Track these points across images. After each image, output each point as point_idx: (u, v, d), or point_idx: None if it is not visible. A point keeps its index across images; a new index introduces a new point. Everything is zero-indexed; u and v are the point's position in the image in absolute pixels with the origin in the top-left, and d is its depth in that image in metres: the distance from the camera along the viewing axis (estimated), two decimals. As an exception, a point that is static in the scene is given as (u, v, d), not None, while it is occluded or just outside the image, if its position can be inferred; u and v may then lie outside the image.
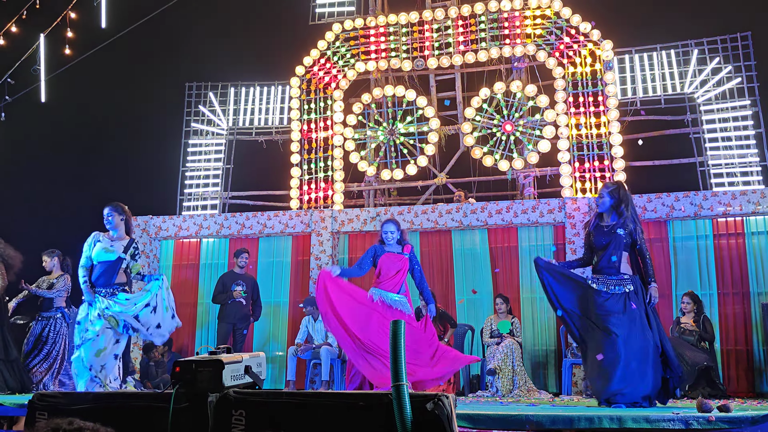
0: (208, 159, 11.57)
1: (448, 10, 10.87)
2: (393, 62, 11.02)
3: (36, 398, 3.61)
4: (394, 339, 3.01)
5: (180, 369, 3.39)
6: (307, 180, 11.05)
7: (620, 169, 9.81)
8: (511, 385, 8.14)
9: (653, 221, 9.32)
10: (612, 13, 11.19)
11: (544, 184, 10.52)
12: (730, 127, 9.82)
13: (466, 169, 10.86)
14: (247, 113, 11.65)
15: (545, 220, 9.58)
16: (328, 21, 11.48)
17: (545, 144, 10.12)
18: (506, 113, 10.43)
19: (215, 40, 13.41)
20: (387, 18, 11.09)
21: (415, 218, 9.98)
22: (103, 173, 13.31)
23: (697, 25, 10.55)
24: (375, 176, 11.04)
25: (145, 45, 12.78)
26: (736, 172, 9.66)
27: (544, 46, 10.41)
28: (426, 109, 10.80)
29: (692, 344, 8.02)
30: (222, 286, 9.43)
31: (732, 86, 9.91)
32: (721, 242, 9.17)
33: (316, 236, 10.30)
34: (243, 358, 3.59)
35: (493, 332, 8.67)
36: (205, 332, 10.70)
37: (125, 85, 13.66)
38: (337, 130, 11.07)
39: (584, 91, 10.17)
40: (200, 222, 10.78)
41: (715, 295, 9.05)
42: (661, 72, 10.27)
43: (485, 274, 9.84)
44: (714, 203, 9.06)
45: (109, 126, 13.79)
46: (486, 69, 10.95)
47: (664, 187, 9.43)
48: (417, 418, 2.98)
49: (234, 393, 3.34)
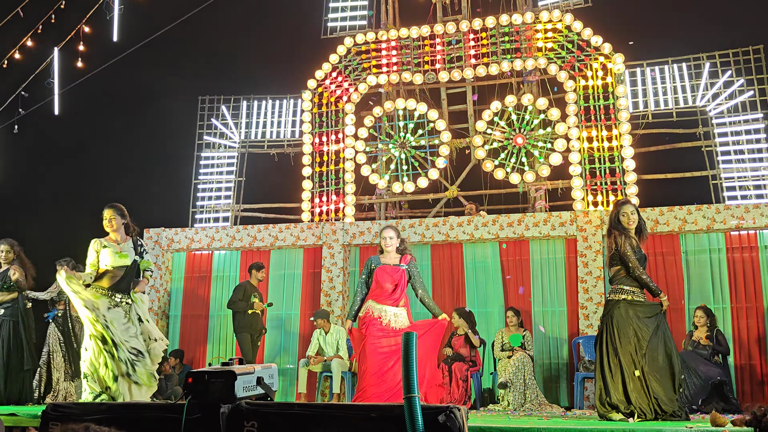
0: (220, 172, 11.62)
1: (460, 23, 10.91)
2: (404, 76, 11.07)
3: (50, 408, 3.63)
4: (405, 351, 3.01)
5: (193, 380, 3.41)
6: (319, 193, 11.08)
7: (632, 182, 9.79)
8: (523, 399, 8.10)
9: (665, 234, 9.28)
10: (623, 26, 11.21)
11: (555, 197, 10.51)
12: (743, 140, 9.79)
13: (477, 182, 10.85)
14: (259, 126, 11.72)
15: (557, 233, 9.56)
16: (339, 35, 11.55)
17: (557, 157, 10.11)
18: (517, 126, 10.44)
19: (228, 53, 13.52)
20: (398, 32, 11.14)
21: (426, 231, 9.97)
22: (115, 186, 13.40)
23: (709, 38, 10.55)
24: (386, 189, 11.05)
25: (158, 58, 12.89)
26: (749, 185, 9.62)
27: (555, 60, 10.42)
28: (437, 122, 10.82)
29: (705, 358, 7.95)
30: (243, 293, 9.30)
31: (744, 99, 9.88)
32: (734, 256, 9.11)
33: (327, 249, 10.31)
34: (255, 369, 3.60)
35: (504, 345, 8.63)
36: (216, 344, 10.71)
37: (138, 98, 13.78)
38: (349, 143, 11.10)
39: (596, 105, 10.17)
40: (212, 234, 10.81)
41: (728, 309, 8.98)
42: (672, 85, 10.26)
43: (496, 287, 9.82)
44: (727, 216, 9.01)
45: (121, 138, 13.90)
46: (497, 82, 10.98)
47: (677, 200, 9.40)
48: (429, 430, 2.97)
49: (246, 404, 3.35)
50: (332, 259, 10.24)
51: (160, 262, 10.79)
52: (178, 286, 10.97)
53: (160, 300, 10.73)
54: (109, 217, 6.31)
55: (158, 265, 10.73)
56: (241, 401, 3.36)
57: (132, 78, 13.32)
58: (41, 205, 13.10)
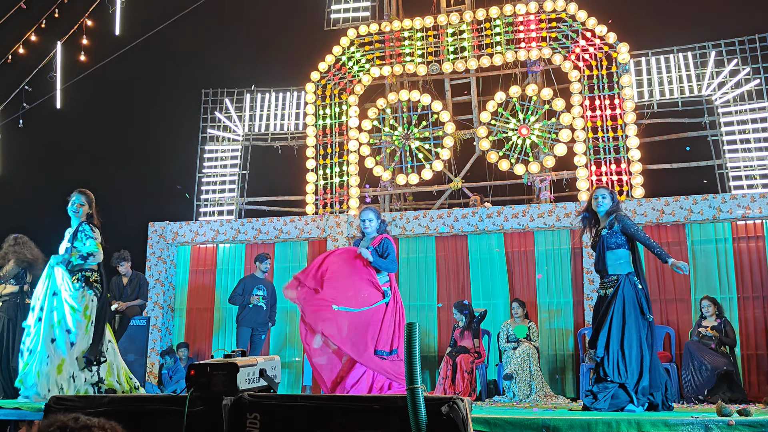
0: (224, 165, 11.62)
1: (463, 14, 10.85)
2: (408, 67, 11.03)
3: (52, 401, 3.63)
4: (408, 342, 2.98)
5: (195, 372, 3.39)
6: (323, 185, 11.07)
7: (637, 171, 9.74)
8: (529, 390, 8.08)
9: (671, 224, 9.23)
10: (628, 15, 11.14)
11: (560, 188, 10.48)
12: (749, 129, 9.73)
13: (481, 173, 10.83)
14: (263, 119, 11.70)
15: (562, 225, 9.52)
16: (343, 26, 11.52)
17: (561, 147, 10.07)
18: (522, 117, 10.39)
19: (231, 46, 13.49)
20: (402, 23, 11.09)
21: (431, 223, 9.95)
22: (119, 179, 13.41)
23: (715, 26, 10.48)
24: (390, 181, 11.03)
25: (161, 52, 12.88)
26: (755, 174, 9.56)
27: (559, 50, 10.37)
28: (441, 114, 10.79)
29: (712, 348, 7.92)
30: (242, 288, 9.32)
31: (750, 88, 9.82)
32: (740, 245, 9.06)
33: (332, 241, 10.29)
34: (258, 361, 3.59)
35: (510, 337, 8.62)
36: (221, 337, 10.72)
37: (141, 92, 13.78)
38: (353, 135, 11.08)
39: (600, 94, 10.12)
40: (217, 227, 10.81)
41: (735, 299, 8.94)
42: (678, 74, 10.19)
43: (501, 279, 9.79)
44: (733, 206, 8.96)
45: (125, 132, 13.90)
46: (501, 73, 10.93)
47: (682, 189, 9.35)
48: (432, 422, 2.96)
49: (249, 396, 3.33)
50: (337, 252, 10.22)
51: (165, 255, 10.80)
52: (184, 280, 10.98)
53: (166, 293, 10.74)
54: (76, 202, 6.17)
55: (162, 259, 10.74)
56: (243, 393, 3.35)
57: (135, 71, 13.31)
58: (44, 199, 13.11)
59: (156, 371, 9.99)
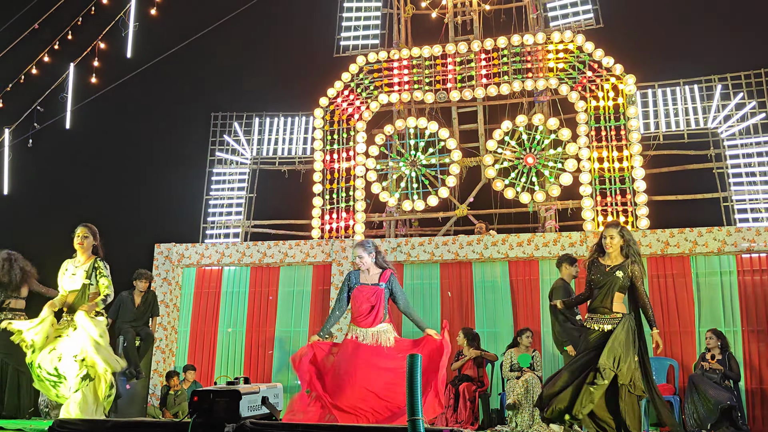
0: (231, 188, 11.69)
1: (471, 43, 10.96)
2: (416, 94, 11.12)
3: (56, 425, 3.65)
4: (410, 374, 3.00)
5: (198, 399, 3.41)
6: (329, 210, 11.12)
7: (642, 203, 9.76)
8: (531, 420, 8.03)
9: (676, 256, 9.23)
10: (636, 48, 11.23)
11: (565, 217, 10.49)
12: (755, 162, 9.76)
13: (487, 201, 10.86)
14: (271, 143, 11.80)
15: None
16: (352, 53, 11.65)
17: (567, 177, 10.11)
18: (528, 146, 10.45)
19: (241, 71, 13.62)
20: (410, 51, 11.20)
21: (436, 249, 9.97)
22: (127, 201, 13.48)
23: (721, 60, 10.56)
24: (396, 207, 11.07)
25: (171, 75, 13.01)
26: (760, 207, 9.57)
27: (566, 80, 10.45)
28: (448, 141, 10.85)
29: (716, 382, 7.87)
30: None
31: (756, 121, 9.86)
32: (745, 278, 9.04)
33: (336, 266, 10.31)
34: (260, 388, 3.61)
35: (513, 366, 8.59)
36: (224, 361, 10.70)
37: (151, 114, 13.90)
38: (360, 161, 11.15)
39: (607, 125, 10.17)
40: (222, 250, 10.85)
41: (739, 332, 8.90)
42: (684, 107, 10.25)
43: (505, 307, 9.78)
44: (738, 239, 8.96)
45: (134, 154, 14.00)
46: (508, 102, 11.01)
47: (688, 221, 9.35)
48: (432, 454, 2.97)
49: (251, 424, 3.35)
50: (341, 277, 10.24)
51: (170, 277, 10.82)
52: (188, 302, 10.99)
53: (170, 315, 10.75)
54: (82, 235, 6.14)
55: (168, 281, 10.76)
56: (245, 421, 3.37)
57: (145, 94, 13.44)
58: (51, 218, 13.19)
59: (158, 392, 9.98)
